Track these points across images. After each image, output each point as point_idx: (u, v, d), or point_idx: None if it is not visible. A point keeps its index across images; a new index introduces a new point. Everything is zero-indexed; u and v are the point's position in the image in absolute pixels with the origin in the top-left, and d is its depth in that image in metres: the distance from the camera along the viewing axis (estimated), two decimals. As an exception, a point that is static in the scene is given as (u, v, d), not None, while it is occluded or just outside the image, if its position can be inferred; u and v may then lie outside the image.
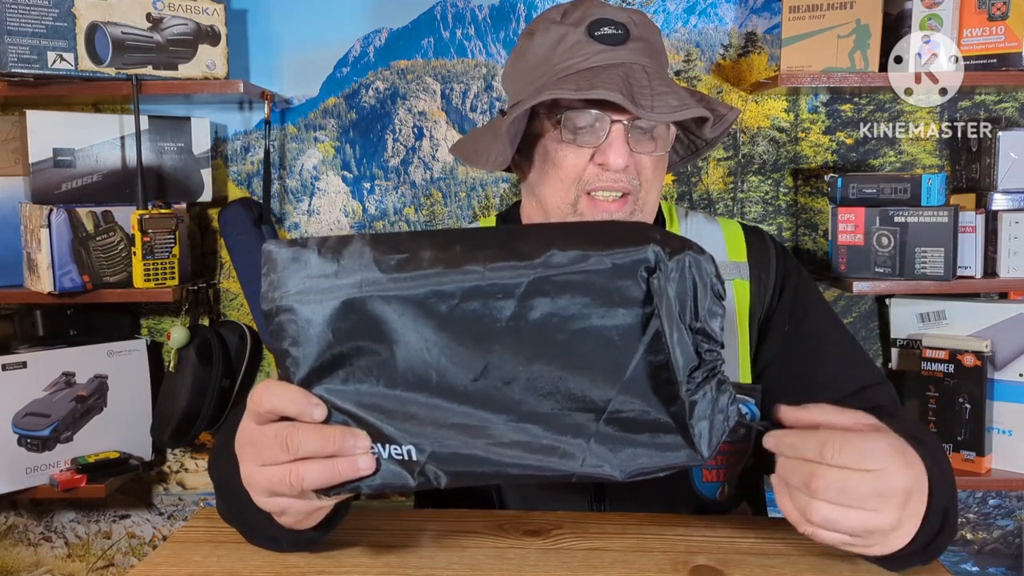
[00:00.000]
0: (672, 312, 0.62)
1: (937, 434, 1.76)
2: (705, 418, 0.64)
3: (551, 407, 0.64)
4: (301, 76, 1.94)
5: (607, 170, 0.97)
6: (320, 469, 0.66)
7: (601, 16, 0.98)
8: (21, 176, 1.80)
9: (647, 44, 1.00)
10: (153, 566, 0.83)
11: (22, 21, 1.61)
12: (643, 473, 0.65)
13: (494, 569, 0.81)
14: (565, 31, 0.99)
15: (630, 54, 0.98)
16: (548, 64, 0.98)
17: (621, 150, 0.96)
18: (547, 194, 1.02)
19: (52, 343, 1.81)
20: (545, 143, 1.00)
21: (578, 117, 0.96)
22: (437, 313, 0.63)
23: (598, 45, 0.97)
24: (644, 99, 0.92)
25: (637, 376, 0.63)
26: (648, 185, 1.00)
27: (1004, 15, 1.67)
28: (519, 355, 0.63)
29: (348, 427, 0.66)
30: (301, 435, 0.66)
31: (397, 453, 0.66)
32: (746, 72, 1.90)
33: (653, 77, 0.96)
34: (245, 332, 1.93)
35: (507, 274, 0.62)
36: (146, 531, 2.04)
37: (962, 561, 1.98)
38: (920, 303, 1.83)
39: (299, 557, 0.83)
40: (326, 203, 1.97)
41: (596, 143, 0.97)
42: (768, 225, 1.93)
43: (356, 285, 0.63)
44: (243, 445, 0.71)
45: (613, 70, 0.95)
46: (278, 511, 0.72)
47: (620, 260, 0.61)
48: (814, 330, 1.06)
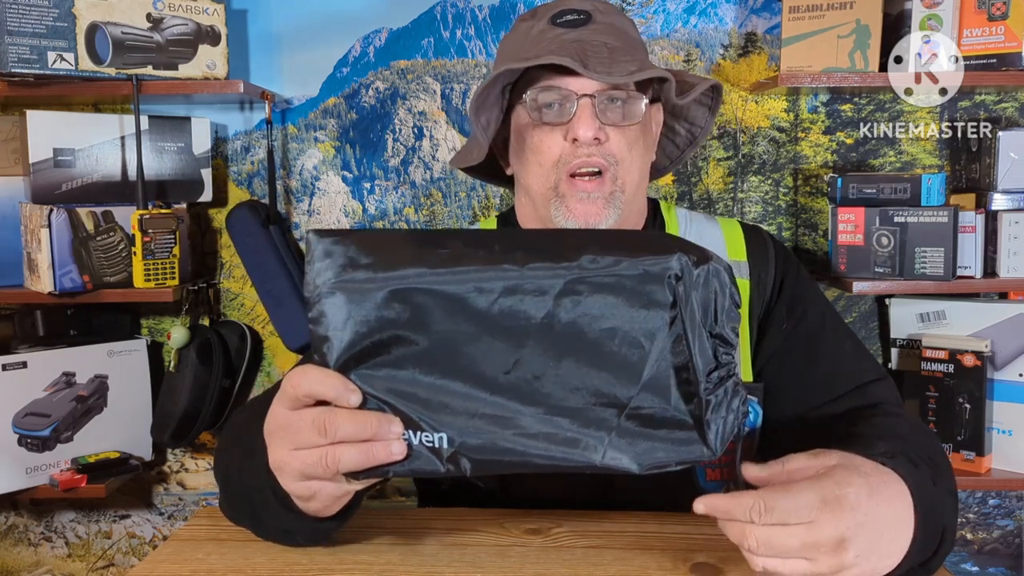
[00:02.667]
0: (695, 317, 0.66)
1: (937, 434, 1.76)
2: (720, 416, 0.67)
3: (577, 401, 0.67)
4: (301, 76, 1.94)
5: (579, 145, 0.98)
6: (355, 452, 0.68)
7: (565, 7, 1.03)
8: (21, 176, 1.80)
9: (611, 27, 1.03)
10: (155, 564, 0.83)
11: (22, 21, 1.62)
12: (659, 466, 0.68)
13: (495, 567, 0.81)
14: (531, 24, 1.03)
15: (591, 34, 1.01)
16: (516, 57, 1.01)
17: (589, 123, 0.97)
18: (531, 182, 1.04)
19: (52, 343, 1.81)
20: (521, 131, 1.03)
21: (542, 95, 0.99)
22: (474, 307, 0.66)
23: (559, 30, 1.01)
24: (600, 65, 0.94)
25: (658, 375, 0.66)
26: (626, 163, 1.01)
27: (1004, 15, 1.67)
28: (550, 351, 0.66)
29: (383, 413, 0.68)
30: (339, 419, 0.68)
31: (428, 440, 0.68)
32: (746, 72, 1.90)
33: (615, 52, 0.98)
34: (245, 332, 1.93)
35: (544, 274, 0.65)
36: (146, 531, 2.04)
37: (962, 561, 1.98)
38: (920, 303, 1.83)
39: (302, 554, 0.83)
40: (326, 203, 1.97)
41: (564, 119, 0.99)
42: (768, 225, 1.93)
43: (397, 276, 0.66)
44: (276, 430, 0.73)
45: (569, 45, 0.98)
46: (308, 495, 0.73)
47: (650, 266, 0.65)
48: (813, 327, 1.07)
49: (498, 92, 1.02)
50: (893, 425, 0.93)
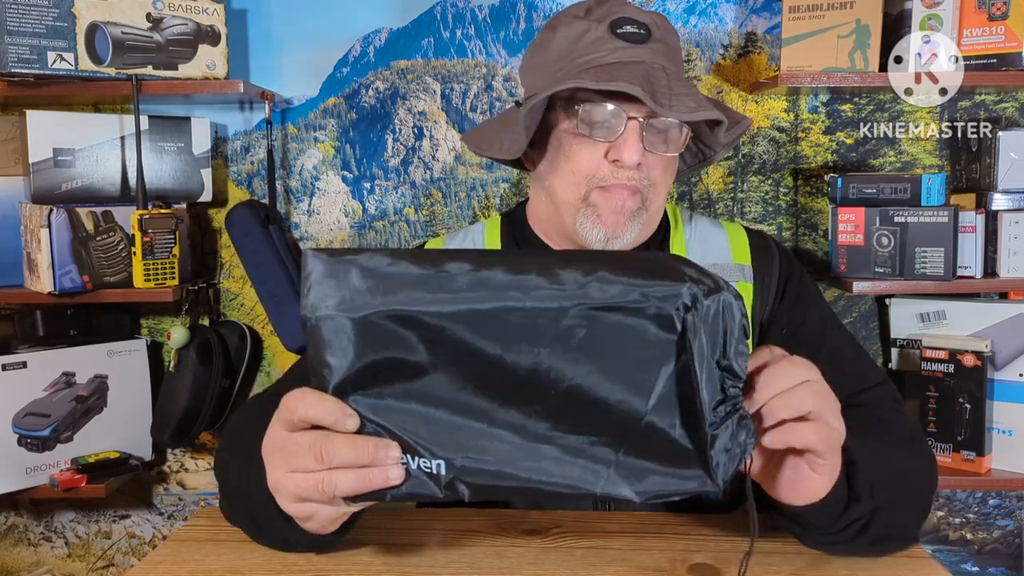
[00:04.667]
0: (703, 349, 0.64)
1: (937, 434, 1.76)
2: (724, 451, 0.66)
3: (579, 429, 0.66)
4: (301, 76, 1.94)
5: (621, 167, 0.97)
6: (352, 477, 0.67)
7: (624, 15, 1.00)
8: (21, 176, 1.80)
9: (666, 46, 1.01)
10: (154, 564, 0.83)
11: (22, 21, 1.62)
12: (658, 496, 0.67)
13: (493, 568, 0.81)
14: (588, 26, 1.00)
15: (650, 53, 0.99)
16: (569, 58, 0.99)
17: (636, 147, 0.96)
18: (558, 187, 1.02)
19: (52, 343, 1.81)
20: (559, 136, 1.01)
21: (595, 111, 0.97)
22: (476, 333, 0.64)
23: (620, 42, 0.98)
24: (664, 97, 0.93)
25: (663, 406, 0.65)
26: (657, 187, 1.01)
27: (1004, 15, 1.67)
28: (552, 378, 0.64)
29: (380, 438, 0.67)
30: (335, 445, 0.67)
31: (426, 466, 0.67)
32: (746, 72, 1.90)
33: (672, 77, 0.97)
34: (245, 332, 1.94)
35: (549, 299, 0.63)
36: (146, 531, 2.04)
37: (962, 561, 1.98)
38: (920, 303, 1.83)
39: (299, 555, 0.83)
40: (326, 203, 1.97)
41: (611, 138, 0.97)
42: (768, 225, 1.93)
43: (396, 300, 0.64)
44: (272, 451, 0.72)
45: (634, 67, 0.96)
46: (305, 516, 0.73)
47: (659, 296, 0.63)
48: (814, 332, 1.07)
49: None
50: (883, 415, 0.95)
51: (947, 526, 1.98)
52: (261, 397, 1.03)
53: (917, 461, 0.90)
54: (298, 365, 1.08)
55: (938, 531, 1.98)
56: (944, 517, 1.98)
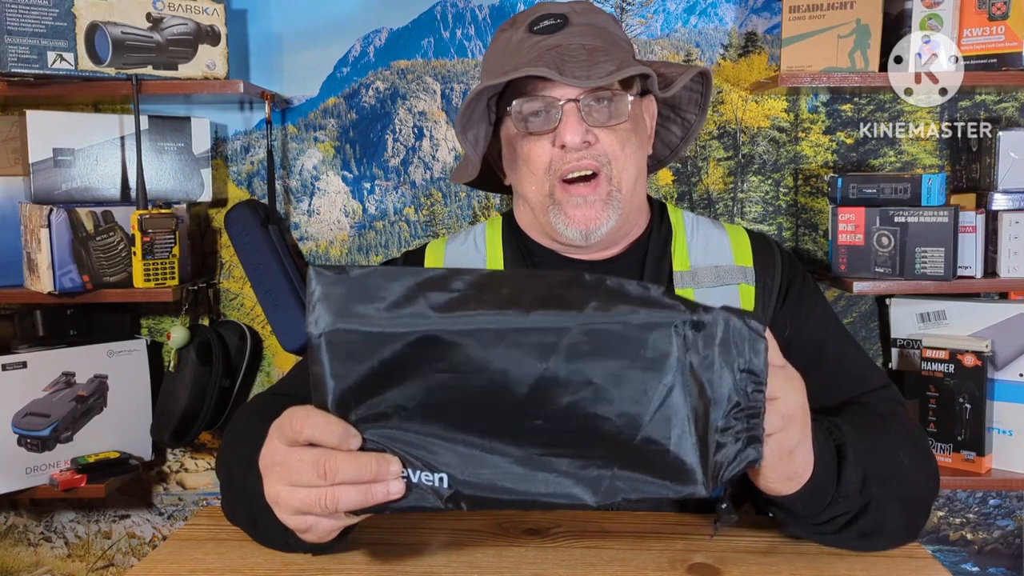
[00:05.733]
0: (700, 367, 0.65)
1: (937, 434, 1.76)
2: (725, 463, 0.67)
3: (578, 443, 0.67)
4: (301, 76, 1.94)
5: (569, 150, 0.99)
6: (354, 493, 0.68)
7: (541, 12, 1.03)
8: (21, 176, 1.80)
9: (591, 27, 1.03)
10: (155, 563, 0.83)
11: (22, 21, 1.62)
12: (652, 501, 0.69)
13: (493, 568, 0.81)
14: (511, 34, 1.03)
15: (568, 37, 1.01)
16: (500, 68, 1.02)
17: (575, 127, 0.98)
18: (527, 191, 1.05)
19: (52, 343, 1.81)
20: (512, 142, 1.04)
21: (524, 105, 0.99)
22: (477, 351, 0.65)
23: (537, 37, 1.01)
24: (578, 70, 0.94)
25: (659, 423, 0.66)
26: (619, 162, 1.01)
27: (1004, 15, 1.67)
28: (553, 395, 0.65)
29: (381, 453, 0.68)
30: (338, 463, 0.67)
31: (428, 479, 0.68)
32: (746, 72, 1.90)
33: (596, 52, 0.98)
34: (245, 332, 1.93)
35: (551, 319, 0.64)
36: (146, 531, 2.04)
37: (962, 561, 1.98)
38: (920, 303, 1.83)
39: (300, 555, 0.83)
40: (326, 203, 1.97)
41: (551, 126, 0.99)
42: (768, 225, 1.93)
43: (400, 318, 0.65)
44: (271, 465, 0.72)
45: (545, 53, 0.98)
46: (304, 528, 0.73)
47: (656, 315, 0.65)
48: (816, 334, 1.07)
49: (483, 107, 1.03)
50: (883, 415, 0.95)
51: (947, 526, 1.98)
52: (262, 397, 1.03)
53: (914, 461, 0.90)
54: (298, 366, 1.08)
55: (938, 531, 1.98)
56: (944, 517, 1.98)
